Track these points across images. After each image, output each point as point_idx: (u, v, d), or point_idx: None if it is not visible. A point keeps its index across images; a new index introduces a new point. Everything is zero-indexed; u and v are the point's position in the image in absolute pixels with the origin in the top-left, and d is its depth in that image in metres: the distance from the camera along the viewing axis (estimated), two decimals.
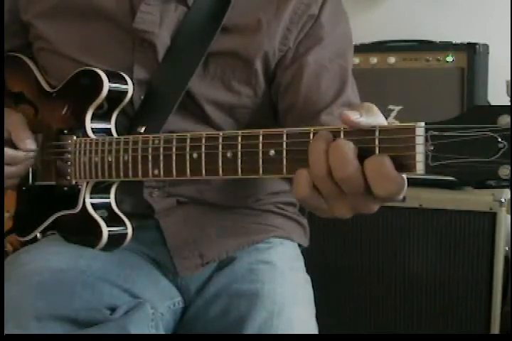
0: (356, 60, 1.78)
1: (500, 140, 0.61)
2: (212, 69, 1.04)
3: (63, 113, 1.04)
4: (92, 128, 1.00)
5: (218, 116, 1.07)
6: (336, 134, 0.70)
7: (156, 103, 1.03)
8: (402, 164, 0.66)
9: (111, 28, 1.05)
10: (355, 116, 0.68)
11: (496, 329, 1.66)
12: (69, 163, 1.01)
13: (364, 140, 0.68)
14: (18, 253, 1.04)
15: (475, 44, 1.71)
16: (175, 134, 0.85)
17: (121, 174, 0.93)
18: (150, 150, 0.88)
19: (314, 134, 0.71)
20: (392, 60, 1.78)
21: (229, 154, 0.79)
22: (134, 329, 0.93)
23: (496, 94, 1.85)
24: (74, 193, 1.01)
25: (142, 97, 1.03)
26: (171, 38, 1.04)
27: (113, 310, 0.95)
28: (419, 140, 0.65)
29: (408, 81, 1.76)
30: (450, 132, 0.63)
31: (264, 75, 1.06)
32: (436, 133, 0.64)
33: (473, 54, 1.69)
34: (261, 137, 0.76)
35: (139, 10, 1.03)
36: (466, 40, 1.74)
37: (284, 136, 0.74)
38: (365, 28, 1.86)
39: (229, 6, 1.03)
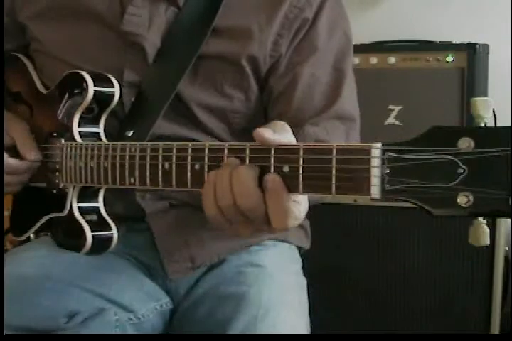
0: (356, 60, 1.78)
1: (461, 165, 0.58)
2: (202, 73, 1.03)
3: (53, 115, 1.04)
4: (80, 132, 1.00)
5: (210, 121, 1.05)
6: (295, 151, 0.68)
7: (146, 106, 1.01)
8: (356, 187, 0.63)
9: (102, 30, 1.05)
10: (268, 133, 0.69)
11: (495, 329, 1.66)
12: (57, 166, 1.01)
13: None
14: (6, 255, 1.04)
15: (475, 44, 1.70)
16: (149, 143, 0.84)
17: (102, 180, 0.93)
18: (127, 158, 0.87)
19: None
20: (392, 60, 1.78)
21: (196, 166, 0.77)
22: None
23: (496, 94, 1.85)
24: (62, 196, 1.01)
25: (132, 100, 1.02)
26: (162, 39, 1.02)
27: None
28: (375, 162, 0.62)
29: (408, 81, 1.76)
30: (408, 154, 0.60)
31: (255, 80, 1.05)
32: (393, 154, 0.60)
33: (473, 54, 1.69)
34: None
35: (126, 12, 1.02)
36: (466, 40, 1.74)
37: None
38: (365, 28, 1.86)
39: (219, 8, 1.01)
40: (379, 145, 0.62)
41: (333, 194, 0.64)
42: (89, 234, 0.97)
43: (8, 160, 1.03)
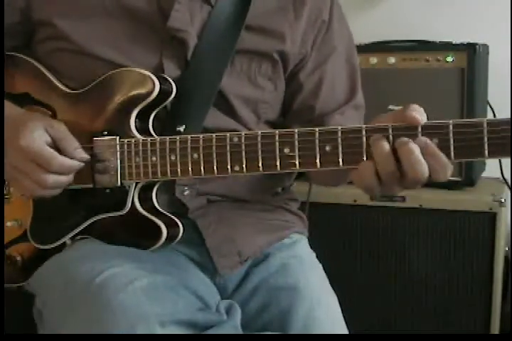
0: None
1: None
2: (238, 65, 1.08)
3: (97, 114, 1.02)
4: (136, 129, 0.99)
5: (244, 112, 1.10)
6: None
7: (192, 101, 1.03)
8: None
9: (137, 26, 1.06)
10: (420, 115, 0.80)
11: (495, 329, 1.66)
12: (111, 164, 0.99)
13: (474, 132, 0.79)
14: (77, 262, 0.97)
15: (475, 44, 1.70)
16: (259, 131, 0.89)
17: (190, 172, 0.93)
18: (228, 147, 0.90)
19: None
20: (392, 60, 1.78)
21: (327, 148, 0.85)
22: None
23: (496, 94, 1.85)
24: (119, 195, 1.00)
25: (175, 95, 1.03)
26: (197, 36, 1.06)
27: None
28: None
29: (408, 81, 1.76)
30: None
31: (284, 72, 1.12)
32: None
33: (473, 54, 1.69)
34: (364, 131, 0.83)
35: (173, 9, 1.04)
36: (466, 40, 1.73)
37: (390, 130, 0.82)
38: (365, 28, 1.85)
39: (249, 6, 1.06)
40: None
41: (486, 157, 0.79)
42: (164, 230, 0.98)
43: (61, 160, 0.97)
